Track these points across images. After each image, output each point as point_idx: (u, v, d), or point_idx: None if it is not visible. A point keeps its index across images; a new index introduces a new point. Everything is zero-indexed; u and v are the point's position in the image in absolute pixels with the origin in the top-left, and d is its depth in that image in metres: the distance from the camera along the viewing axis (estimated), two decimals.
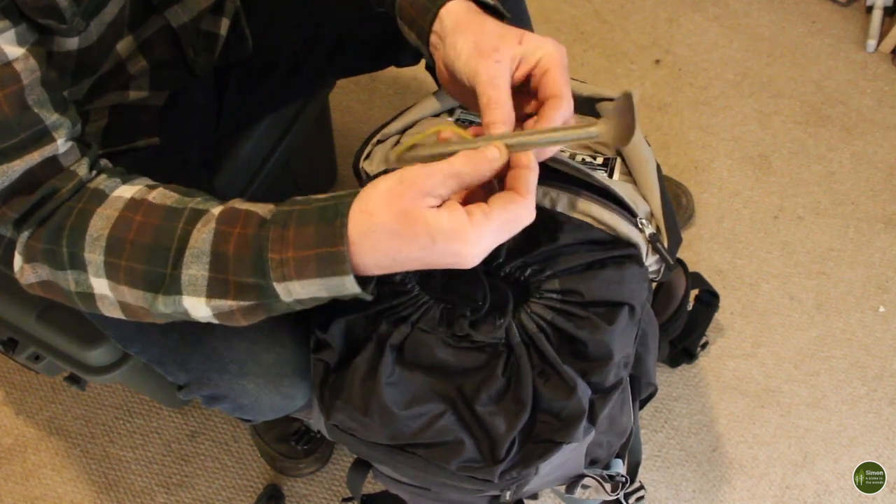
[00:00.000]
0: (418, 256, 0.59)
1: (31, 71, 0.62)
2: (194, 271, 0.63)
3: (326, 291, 0.61)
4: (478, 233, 0.57)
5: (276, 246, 0.60)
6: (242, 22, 0.98)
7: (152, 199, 0.66)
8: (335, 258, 0.59)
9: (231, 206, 0.65)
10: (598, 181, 0.84)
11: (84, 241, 0.64)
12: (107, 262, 0.64)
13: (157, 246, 0.63)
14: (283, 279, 0.61)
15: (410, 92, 1.80)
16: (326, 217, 0.60)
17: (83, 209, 0.65)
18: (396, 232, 0.58)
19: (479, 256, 0.59)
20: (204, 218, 0.64)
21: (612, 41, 1.88)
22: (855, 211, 1.63)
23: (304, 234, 0.60)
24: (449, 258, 0.59)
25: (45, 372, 1.10)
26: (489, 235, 0.58)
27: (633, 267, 0.82)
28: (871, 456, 1.38)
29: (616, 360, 0.78)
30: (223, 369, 0.83)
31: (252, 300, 0.63)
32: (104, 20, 0.71)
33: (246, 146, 1.15)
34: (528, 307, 0.80)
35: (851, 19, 1.90)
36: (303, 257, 0.60)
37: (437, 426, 0.76)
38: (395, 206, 0.58)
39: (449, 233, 0.57)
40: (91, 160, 0.69)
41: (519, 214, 0.59)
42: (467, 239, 0.57)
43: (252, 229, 0.62)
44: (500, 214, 0.58)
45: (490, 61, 0.67)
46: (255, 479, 1.39)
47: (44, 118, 0.63)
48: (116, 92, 0.88)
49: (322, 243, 0.59)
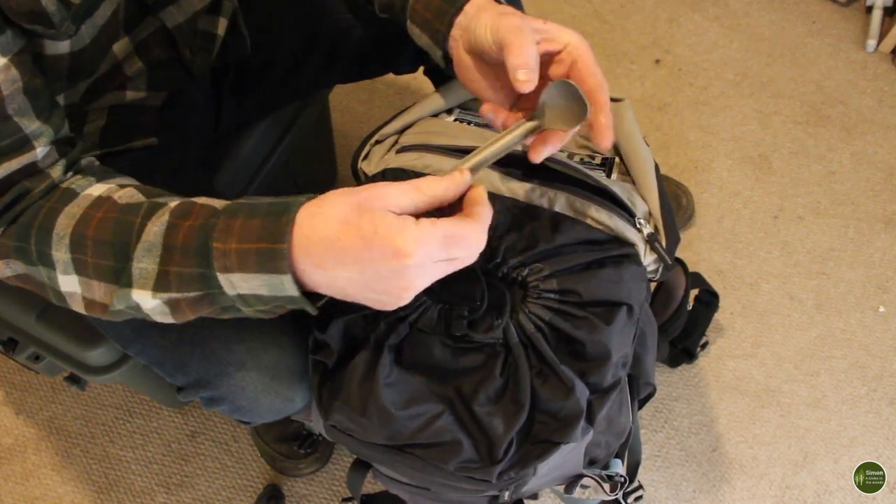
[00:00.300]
0: (356, 258, 0.56)
1: (13, 81, 0.62)
2: (144, 264, 0.62)
3: (267, 289, 0.59)
4: (420, 232, 0.55)
5: (221, 235, 0.59)
6: (240, 22, 0.98)
7: (117, 197, 0.65)
8: (275, 255, 0.57)
9: (190, 199, 0.64)
10: (596, 181, 0.84)
11: (51, 239, 0.64)
12: (73, 258, 0.64)
13: (117, 241, 0.63)
14: (225, 270, 0.59)
15: (410, 92, 1.81)
16: (274, 212, 0.58)
17: (51, 208, 0.65)
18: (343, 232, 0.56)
19: (422, 266, 0.56)
20: (160, 210, 0.63)
21: (612, 41, 1.88)
22: (855, 211, 1.63)
23: (249, 227, 0.58)
24: (390, 260, 0.55)
25: (45, 372, 1.10)
26: (432, 241, 0.55)
27: (631, 267, 0.82)
28: (871, 456, 1.38)
29: (614, 360, 0.78)
30: (222, 371, 0.83)
31: (196, 290, 0.61)
32: (97, 23, 0.71)
33: (246, 146, 1.15)
34: (525, 307, 0.80)
35: (851, 19, 1.89)
36: (245, 250, 0.58)
37: (434, 426, 0.76)
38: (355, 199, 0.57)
39: (390, 226, 0.55)
40: (69, 162, 0.69)
41: (467, 233, 0.57)
42: (407, 235, 0.54)
43: (202, 220, 0.61)
44: (448, 226, 0.56)
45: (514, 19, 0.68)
46: (255, 479, 1.39)
47: (24, 127, 0.64)
48: (114, 93, 0.88)
49: (265, 238, 0.58)
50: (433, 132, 0.91)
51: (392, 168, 0.88)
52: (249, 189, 1.19)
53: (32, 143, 0.65)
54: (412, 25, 0.80)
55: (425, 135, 0.91)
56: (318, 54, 1.06)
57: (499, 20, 0.68)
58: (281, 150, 1.22)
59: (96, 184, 0.68)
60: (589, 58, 0.68)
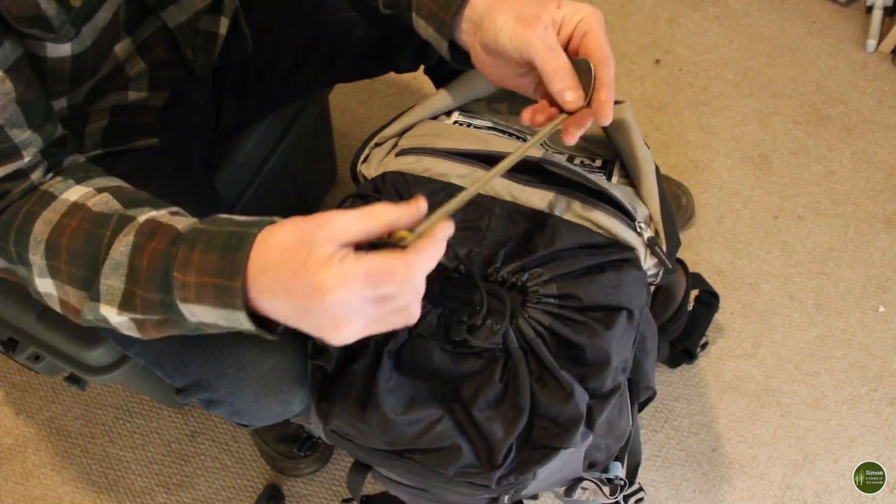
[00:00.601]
0: (287, 290, 0.55)
1: (6, 94, 0.62)
2: (111, 281, 0.63)
3: (225, 321, 0.60)
4: (342, 269, 0.53)
5: (181, 266, 0.60)
6: (242, 21, 0.98)
7: (92, 204, 0.66)
8: (230, 291, 0.58)
9: (153, 217, 0.64)
10: (596, 184, 0.84)
11: (28, 242, 0.66)
12: (48, 264, 0.66)
13: (87, 254, 0.64)
14: (185, 300, 0.60)
15: (410, 92, 1.80)
16: (230, 246, 0.58)
17: (30, 211, 0.67)
18: (288, 254, 0.56)
19: (346, 303, 0.54)
20: (128, 227, 0.64)
21: (612, 41, 1.85)
22: (855, 211, 1.63)
23: (207, 260, 0.59)
24: (313, 295, 0.54)
25: (45, 372, 1.10)
26: (353, 278, 0.53)
27: (631, 271, 0.82)
28: (871, 456, 1.38)
29: (614, 365, 0.78)
30: (221, 373, 0.83)
31: (159, 315, 0.63)
32: (97, 25, 0.71)
33: (246, 146, 1.15)
34: (525, 312, 0.80)
35: (851, 19, 1.89)
36: (203, 283, 0.59)
37: (434, 432, 0.76)
38: (299, 228, 0.56)
39: (316, 260, 0.54)
40: (52, 163, 0.70)
41: (394, 268, 0.54)
42: (329, 271, 0.53)
43: (164, 245, 0.62)
44: (374, 261, 0.54)
45: (539, 29, 0.68)
46: (255, 479, 1.40)
47: (13, 137, 0.64)
48: (116, 93, 0.88)
49: (221, 273, 0.58)
50: (432, 135, 0.91)
51: (391, 171, 0.88)
52: (250, 189, 1.19)
53: (21, 152, 0.66)
54: (418, 18, 0.80)
55: (425, 138, 0.91)
56: (319, 53, 1.06)
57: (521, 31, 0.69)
58: (281, 150, 1.22)
59: (75, 186, 0.68)
60: (598, 31, 0.70)
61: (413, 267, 0.55)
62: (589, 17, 0.70)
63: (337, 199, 1.51)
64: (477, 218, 0.83)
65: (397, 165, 0.88)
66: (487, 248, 0.82)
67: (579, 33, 0.70)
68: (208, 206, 0.93)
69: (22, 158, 0.66)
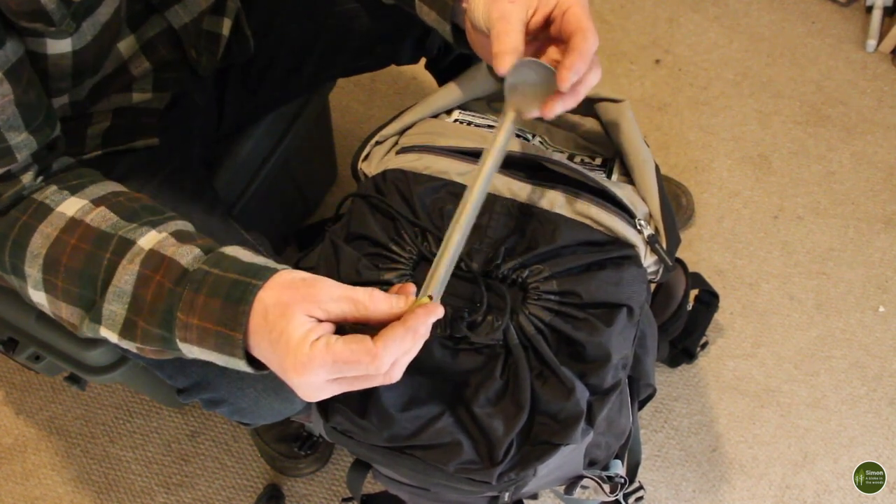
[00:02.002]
0: (266, 355, 0.60)
1: (3, 95, 0.63)
2: (114, 308, 0.65)
3: (223, 363, 0.63)
4: (310, 357, 0.56)
5: (185, 307, 0.62)
6: (243, 23, 0.98)
7: (90, 220, 0.67)
8: (231, 342, 0.60)
9: (157, 249, 0.66)
10: (596, 182, 0.84)
11: (25, 255, 0.67)
12: (45, 279, 0.67)
13: (86, 273, 0.65)
14: (185, 340, 0.62)
15: (410, 92, 1.80)
16: (234, 297, 0.60)
17: (26, 223, 0.67)
18: (269, 322, 0.58)
19: (311, 386, 0.57)
20: (130, 253, 0.65)
21: (612, 41, 1.88)
22: (855, 211, 1.63)
23: (210, 307, 0.61)
24: (284, 372, 0.58)
25: (45, 372, 1.10)
26: (319, 367, 0.56)
27: (631, 268, 0.82)
28: (871, 456, 1.38)
29: (614, 362, 0.78)
30: (222, 373, 0.83)
31: (157, 346, 0.65)
32: (99, 20, 0.71)
33: (246, 146, 1.15)
34: (526, 309, 0.80)
35: (851, 19, 1.89)
36: (205, 328, 0.61)
37: (434, 428, 0.76)
38: (283, 297, 0.59)
39: (288, 342, 0.56)
40: (42, 167, 0.70)
41: (360, 359, 0.55)
42: (297, 357, 0.56)
43: (170, 283, 0.63)
44: (342, 352, 0.55)
45: (503, 3, 0.68)
46: (255, 479, 1.39)
47: (9, 139, 0.65)
48: (120, 94, 0.88)
49: (223, 322, 0.60)
50: (433, 133, 0.91)
51: (392, 169, 0.88)
52: (250, 189, 1.19)
53: (14, 154, 0.66)
54: (420, 4, 0.81)
55: (425, 136, 0.91)
56: (320, 46, 1.06)
57: (489, 6, 0.69)
58: (281, 150, 1.22)
59: (70, 198, 0.69)
60: (577, 7, 0.68)
61: (379, 359, 0.56)
62: None
63: (337, 198, 1.51)
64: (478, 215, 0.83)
65: (398, 163, 0.89)
66: (488, 245, 0.82)
67: (559, 12, 0.69)
68: (208, 206, 0.93)
69: (14, 160, 0.66)
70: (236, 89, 1.06)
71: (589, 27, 0.67)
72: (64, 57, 0.70)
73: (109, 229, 0.67)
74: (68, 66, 0.72)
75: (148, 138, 0.93)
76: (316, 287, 0.58)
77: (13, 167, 0.67)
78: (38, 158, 0.70)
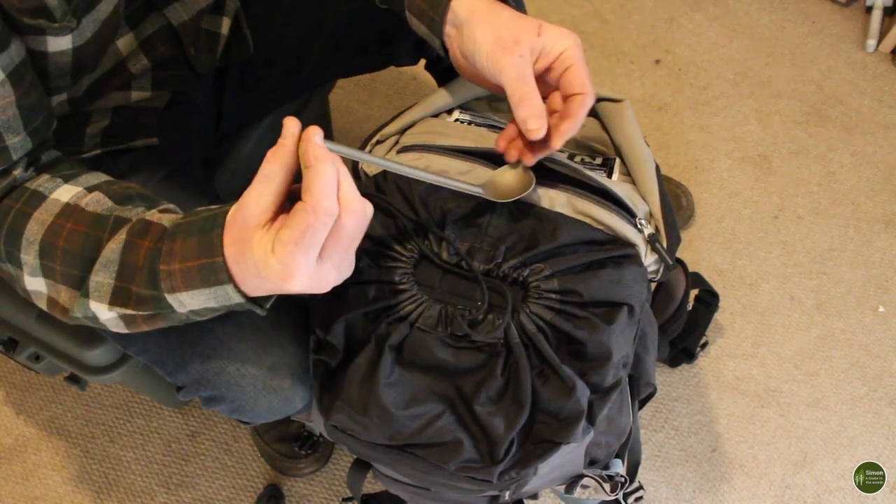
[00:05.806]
0: (255, 285, 0.60)
1: (4, 97, 0.63)
2: (100, 278, 0.65)
3: (215, 301, 0.63)
4: (281, 263, 0.56)
5: (166, 258, 0.62)
6: (243, 22, 0.98)
7: (85, 205, 0.67)
8: (214, 267, 0.60)
9: (143, 217, 0.66)
10: (596, 181, 0.84)
11: (21, 242, 0.67)
12: (42, 264, 0.67)
13: (84, 255, 0.66)
14: (172, 290, 0.63)
15: (410, 92, 1.80)
16: (206, 227, 0.61)
17: (20, 211, 0.68)
18: (241, 255, 0.59)
19: (312, 280, 0.58)
20: (122, 228, 0.66)
21: (612, 41, 1.88)
22: (855, 211, 1.63)
23: (188, 246, 0.61)
24: (288, 289, 0.58)
25: (45, 372, 1.10)
26: (294, 261, 0.56)
27: (632, 267, 0.82)
28: (871, 456, 1.38)
29: (615, 361, 0.78)
30: (222, 370, 0.83)
31: (150, 310, 0.65)
32: (98, 17, 0.71)
33: (246, 146, 1.15)
34: (527, 307, 0.80)
35: (851, 19, 1.90)
36: (187, 268, 0.61)
37: (435, 426, 0.76)
38: (233, 234, 0.59)
39: (256, 261, 0.57)
40: (31, 159, 0.70)
41: (309, 222, 0.56)
42: (278, 271, 0.57)
43: (153, 242, 0.64)
44: (292, 234, 0.56)
45: (514, 56, 0.69)
46: (255, 479, 1.39)
47: (6, 140, 0.65)
48: (119, 92, 0.88)
49: (202, 254, 0.61)
50: (434, 132, 0.91)
51: None
52: None
53: (10, 153, 0.67)
54: (410, 16, 0.80)
55: (426, 135, 0.91)
56: (320, 47, 1.06)
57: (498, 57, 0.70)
58: None
59: (64, 185, 0.69)
60: (580, 66, 0.71)
61: (317, 208, 0.56)
62: (570, 51, 0.71)
63: None
64: (478, 214, 0.83)
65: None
66: (489, 244, 0.82)
67: (560, 66, 0.71)
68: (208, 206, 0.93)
69: (9, 160, 0.67)
70: (235, 89, 1.06)
71: (589, 92, 0.70)
72: (64, 54, 0.71)
73: (105, 212, 0.67)
74: (68, 63, 0.72)
75: (147, 138, 0.93)
76: (242, 207, 0.59)
77: (7, 165, 0.67)
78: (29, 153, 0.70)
